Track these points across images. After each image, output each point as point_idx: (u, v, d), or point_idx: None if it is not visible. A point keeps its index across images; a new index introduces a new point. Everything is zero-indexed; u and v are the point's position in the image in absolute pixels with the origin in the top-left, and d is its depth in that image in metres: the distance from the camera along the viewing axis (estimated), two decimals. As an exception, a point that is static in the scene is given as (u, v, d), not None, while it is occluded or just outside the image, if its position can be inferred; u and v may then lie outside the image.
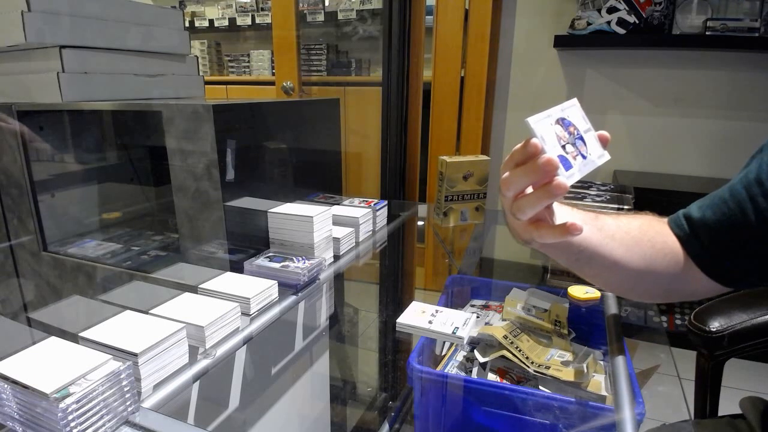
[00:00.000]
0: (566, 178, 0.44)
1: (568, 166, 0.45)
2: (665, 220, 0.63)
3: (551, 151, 0.44)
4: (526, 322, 0.86)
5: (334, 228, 1.04)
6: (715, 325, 0.86)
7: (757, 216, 0.54)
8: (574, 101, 0.49)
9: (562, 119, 0.46)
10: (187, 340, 0.67)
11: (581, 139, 0.47)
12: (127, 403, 0.56)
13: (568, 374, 0.72)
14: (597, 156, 0.49)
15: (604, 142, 0.50)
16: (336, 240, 1.05)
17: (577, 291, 0.89)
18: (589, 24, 1.94)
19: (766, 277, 0.57)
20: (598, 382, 0.73)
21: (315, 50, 2.75)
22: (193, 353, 0.69)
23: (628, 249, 0.58)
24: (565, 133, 0.46)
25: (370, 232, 1.20)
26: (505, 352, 0.77)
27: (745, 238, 0.55)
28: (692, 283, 0.60)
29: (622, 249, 0.57)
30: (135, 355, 0.60)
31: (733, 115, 1.94)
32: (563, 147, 0.45)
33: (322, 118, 1.30)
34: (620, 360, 0.69)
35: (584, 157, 0.47)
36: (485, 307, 1.00)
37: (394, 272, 1.44)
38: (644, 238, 0.59)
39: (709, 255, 0.58)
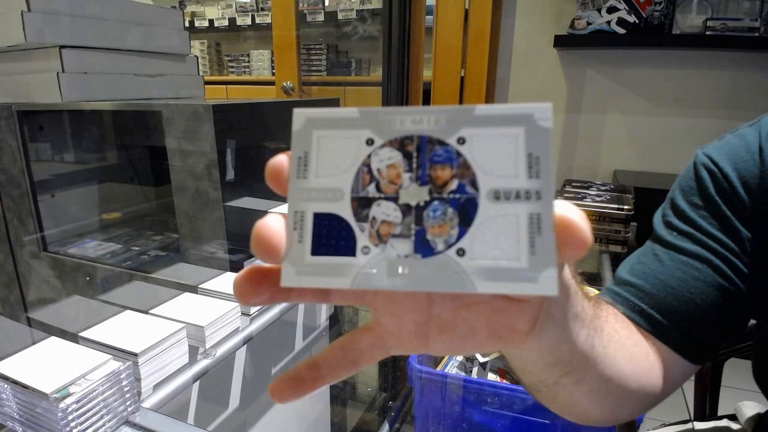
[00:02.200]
0: None
1: None
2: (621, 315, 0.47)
3: None
4: (526, 322, 0.86)
5: (334, 228, 1.04)
6: None
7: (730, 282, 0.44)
8: None
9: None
10: (187, 340, 0.67)
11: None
12: (127, 403, 0.56)
13: (568, 374, 0.72)
14: None
15: None
16: (336, 240, 1.05)
17: None
18: (589, 24, 1.94)
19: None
20: (598, 382, 0.73)
21: (315, 50, 2.75)
22: (193, 353, 0.69)
23: (629, 358, 0.40)
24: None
25: (370, 232, 1.20)
26: (505, 352, 0.77)
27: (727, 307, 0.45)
28: (668, 380, 0.45)
29: (624, 356, 0.39)
30: (135, 355, 0.60)
31: (733, 115, 1.94)
32: None
33: (322, 118, 1.30)
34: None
35: None
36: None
37: (394, 272, 1.44)
38: (627, 343, 0.42)
39: (695, 342, 0.45)
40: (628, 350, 0.40)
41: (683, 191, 0.50)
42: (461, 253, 0.18)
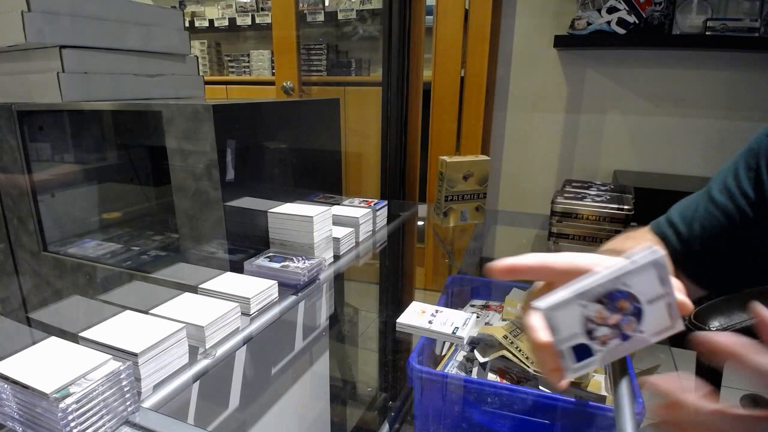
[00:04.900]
0: (570, 372, 0.37)
1: (583, 356, 0.37)
2: (656, 238, 0.63)
3: (560, 341, 0.37)
4: (526, 322, 0.86)
5: (334, 228, 1.04)
6: (715, 324, 0.86)
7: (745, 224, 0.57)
8: (655, 258, 0.35)
9: (616, 293, 0.36)
10: (187, 340, 0.67)
11: (636, 313, 0.37)
12: (127, 403, 0.56)
13: (568, 374, 0.72)
14: (653, 332, 0.37)
15: (683, 311, 0.38)
16: (336, 240, 1.05)
17: None
18: (589, 24, 1.94)
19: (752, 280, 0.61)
20: (598, 383, 0.73)
21: (315, 50, 2.75)
22: (193, 353, 0.69)
23: None
24: (605, 312, 0.37)
25: (370, 232, 1.20)
26: (505, 352, 0.77)
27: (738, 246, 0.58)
28: None
29: None
30: (135, 355, 0.60)
31: (733, 115, 1.94)
32: (589, 332, 0.37)
33: (322, 118, 1.30)
34: (620, 360, 0.69)
35: (625, 338, 0.37)
36: (485, 307, 1.00)
37: (394, 272, 1.44)
38: None
39: (703, 268, 0.60)
40: None
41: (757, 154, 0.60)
42: (641, 332, 0.38)
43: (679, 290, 0.37)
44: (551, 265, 0.40)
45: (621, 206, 1.12)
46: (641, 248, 0.36)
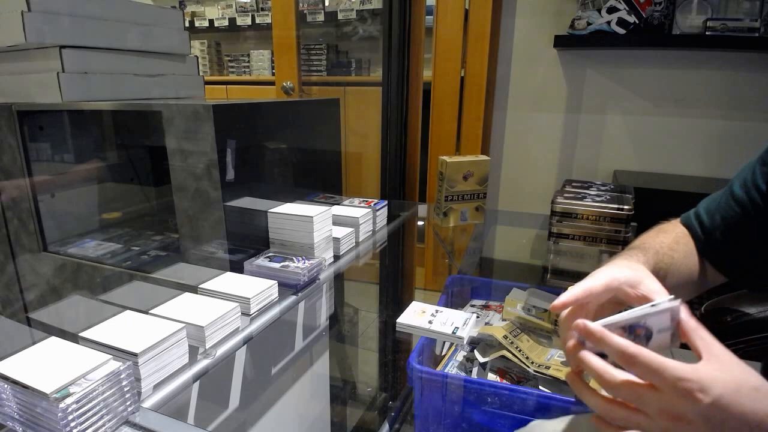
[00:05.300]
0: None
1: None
2: (685, 230, 0.71)
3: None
4: (526, 322, 0.86)
5: (334, 228, 1.04)
6: (727, 318, 0.89)
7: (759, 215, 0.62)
8: (671, 306, 0.46)
9: (636, 325, 0.47)
10: (187, 340, 0.67)
11: (647, 338, 0.47)
12: (127, 403, 0.56)
13: (568, 374, 0.72)
14: (655, 349, 0.47)
15: (681, 338, 0.48)
16: (336, 240, 1.05)
17: None
18: (589, 24, 1.94)
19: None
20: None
21: (315, 50, 2.75)
22: (193, 353, 0.69)
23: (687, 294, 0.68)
24: (624, 335, 0.47)
25: (370, 232, 1.20)
26: (505, 352, 0.77)
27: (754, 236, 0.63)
28: (704, 282, 0.69)
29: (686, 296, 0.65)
30: (135, 355, 0.60)
31: (733, 115, 1.94)
32: None
33: (322, 118, 1.30)
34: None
35: None
36: (485, 307, 1.00)
37: (394, 272, 1.44)
38: (690, 267, 0.67)
39: (724, 256, 0.66)
40: (690, 265, 0.67)
41: None
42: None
43: (685, 321, 0.46)
44: (593, 291, 0.53)
45: (621, 206, 1.12)
46: (664, 298, 0.48)
